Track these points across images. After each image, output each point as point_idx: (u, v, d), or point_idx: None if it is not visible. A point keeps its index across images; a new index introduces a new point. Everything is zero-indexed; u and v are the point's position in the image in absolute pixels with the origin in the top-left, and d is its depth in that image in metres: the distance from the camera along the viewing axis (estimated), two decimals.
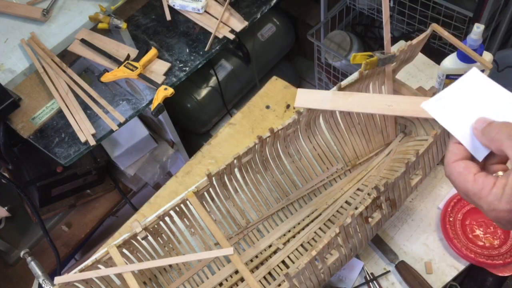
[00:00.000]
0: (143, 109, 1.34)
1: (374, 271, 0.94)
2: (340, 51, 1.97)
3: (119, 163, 1.73)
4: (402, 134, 1.01)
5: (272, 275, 0.93)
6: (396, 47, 1.07)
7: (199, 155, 1.12)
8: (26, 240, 1.74)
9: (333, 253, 0.81)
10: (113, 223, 1.99)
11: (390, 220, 0.99)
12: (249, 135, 1.14)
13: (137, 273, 0.87)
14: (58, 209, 1.74)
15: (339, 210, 0.98)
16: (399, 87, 0.96)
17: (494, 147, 0.53)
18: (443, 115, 0.61)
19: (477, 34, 0.94)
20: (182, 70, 1.38)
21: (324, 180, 1.01)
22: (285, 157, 0.98)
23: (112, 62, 1.34)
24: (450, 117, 0.61)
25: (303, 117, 0.94)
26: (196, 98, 1.89)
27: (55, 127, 1.30)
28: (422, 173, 0.87)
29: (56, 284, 0.78)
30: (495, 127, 0.54)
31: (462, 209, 0.96)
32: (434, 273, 0.93)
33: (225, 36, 1.43)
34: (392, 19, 1.79)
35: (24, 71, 1.35)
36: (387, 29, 0.85)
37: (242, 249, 0.96)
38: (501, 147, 0.52)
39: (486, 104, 0.60)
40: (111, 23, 1.38)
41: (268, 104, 1.18)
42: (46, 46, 1.36)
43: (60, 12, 1.45)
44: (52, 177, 1.60)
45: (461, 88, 0.62)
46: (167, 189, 1.08)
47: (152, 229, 0.86)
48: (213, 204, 0.93)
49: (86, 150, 1.27)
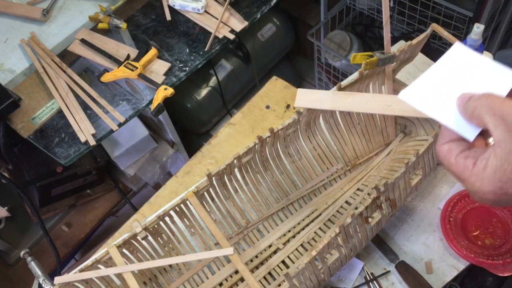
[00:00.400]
0: (143, 109, 1.34)
1: (374, 271, 0.94)
2: (340, 51, 1.96)
3: (119, 163, 1.73)
4: (402, 134, 1.01)
5: (272, 275, 0.93)
6: (396, 47, 1.07)
7: (199, 155, 1.12)
8: (26, 240, 1.74)
9: (333, 253, 0.81)
10: (113, 223, 1.99)
11: (390, 220, 0.99)
12: (249, 135, 1.14)
13: (137, 273, 0.87)
14: (58, 209, 1.74)
15: (339, 210, 0.98)
16: (399, 87, 0.96)
17: (477, 123, 0.49)
18: (424, 101, 0.57)
19: (477, 34, 0.94)
20: (182, 70, 1.38)
21: (324, 180, 1.01)
22: (285, 157, 0.98)
23: (112, 62, 1.34)
24: (432, 102, 0.57)
25: (303, 117, 0.94)
26: (196, 98, 1.89)
27: (55, 127, 1.30)
28: (422, 173, 0.87)
29: (56, 284, 0.78)
30: (474, 101, 0.49)
31: (462, 209, 0.96)
32: (434, 273, 0.93)
33: (225, 36, 1.43)
34: (392, 19, 1.79)
35: (24, 71, 1.35)
36: (387, 29, 0.85)
37: (242, 249, 0.96)
38: (483, 121, 0.47)
39: (471, 80, 0.55)
40: (111, 23, 1.38)
41: (268, 104, 1.18)
42: (46, 46, 1.36)
43: (60, 12, 1.45)
44: (52, 177, 1.60)
45: (443, 68, 0.58)
46: (167, 189, 1.08)
47: (152, 229, 0.86)
48: (213, 204, 0.93)
49: (86, 150, 1.27)
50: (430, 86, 0.57)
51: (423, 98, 0.57)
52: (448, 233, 0.93)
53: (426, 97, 0.57)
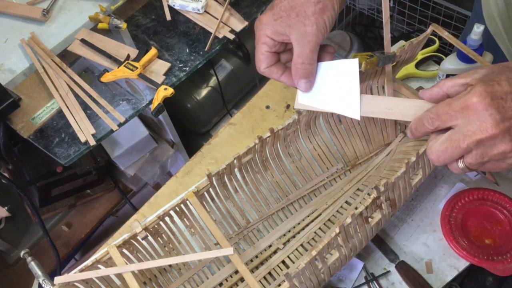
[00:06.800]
0: (143, 109, 1.34)
1: (374, 271, 0.94)
2: (340, 51, 1.97)
3: (119, 163, 1.73)
4: (402, 134, 1.01)
5: (272, 275, 0.93)
6: (396, 47, 1.07)
7: (199, 155, 1.12)
8: (26, 240, 1.74)
9: (333, 253, 0.81)
10: (113, 223, 1.99)
11: (390, 220, 0.99)
12: (249, 135, 1.14)
13: (137, 273, 0.87)
14: (58, 209, 1.74)
15: (339, 210, 0.98)
16: (399, 87, 0.96)
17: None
18: (316, 101, 0.78)
19: (477, 34, 0.94)
20: (182, 70, 1.38)
21: (324, 180, 1.01)
22: (285, 157, 0.98)
23: (112, 62, 1.34)
24: (321, 99, 0.78)
25: (303, 117, 0.94)
26: (196, 98, 1.89)
27: (55, 127, 1.30)
28: (422, 173, 0.87)
29: (56, 284, 0.78)
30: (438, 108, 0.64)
31: (462, 209, 0.96)
32: (434, 273, 0.93)
33: (225, 36, 1.43)
34: (392, 19, 1.79)
35: (24, 71, 1.35)
36: (387, 29, 0.85)
37: (242, 249, 0.96)
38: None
39: (337, 75, 0.76)
40: (111, 23, 1.38)
41: (268, 104, 1.18)
42: (46, 46, 1.37)
43: (60, 12, 1.45)
44: (52, 177, 1.60)
45: (320, 73, 0.78)
46: (167, 189, 1.08)
47: (152, 229, 0.86)
48: (213, 204, 0.93)
49: (86, 150, 1.27)
50: (314, 89, 0.78)
51: (314, 98, 0.78)
52: (448, 233, 0.93)
53: (315, 97, 0.78)
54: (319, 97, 0.77)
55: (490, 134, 0.58)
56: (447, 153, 0.62)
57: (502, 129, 0.57)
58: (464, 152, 0.61)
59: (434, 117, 0.63)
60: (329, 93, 0.77)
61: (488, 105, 0.57)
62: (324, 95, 0.77)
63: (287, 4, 0.72)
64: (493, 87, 0.58)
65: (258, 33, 0.76)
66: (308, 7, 0.71)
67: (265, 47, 0.76)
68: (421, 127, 0.66)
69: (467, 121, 0.59)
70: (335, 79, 0.76)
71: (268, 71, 0.78)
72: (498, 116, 0.57)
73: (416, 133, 0.68)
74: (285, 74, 0.78)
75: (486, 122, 0.57)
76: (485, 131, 0.58)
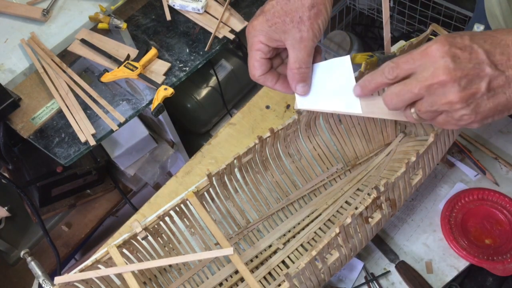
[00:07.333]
0: (143, 109, 1.34)
1: (374, 271, 0.94)
2: (340, 51, 1.97)
3: (119, 163, 1.73)
4: (402, 134, 1.01)
5: (272, 275, 0.93)
6: (396, 47, 1.07)
7: (199, 155, 1.12)
8: (26, 240, 1.75)
9: (333, 253, 0.81)
10: (113, 223, 1.99)
11: (390, 220, 0.99)
12: (249, 135, 1.14)
13: (137, 273, 0.87)
14: (58, 209, 1.74)
15: (339, 210, 0.98)
16: None
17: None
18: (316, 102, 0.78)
19: None
20: (182, 70, 1.38)
21: (324, 180, 1.01)
22: (285, 157, 0.98)
23: (112, 62, 1.34)
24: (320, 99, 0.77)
25: (303, 117, 0.94)
26: (196, 98, 1.89)
27: (55, 127, 1.30)
28: (422, 173, 0.87)
29: (56, 284, 0.78)
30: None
31: (462, 209, 0.96)
32: (434, 273, 0.93)
33: (225, 36, 1.43)
34: (392, 19, 1.79)
35: (24, 71, 1.35)
36: (387, 29, 0.85)
37: (242, 249, 0.96)
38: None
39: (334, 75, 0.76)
40: (111, 23, 1.38)
41: (268, 104, 1.18)
42: (46, 46, 1.37)
43: (60, 12, 1.45)
44: (52, 177, 1.60)
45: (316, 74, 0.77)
46: (167, 189, 1.08)
47: (152, 229, 0.86)
48: (213, 204, 0.93)
49: (86, 150, 1.27)
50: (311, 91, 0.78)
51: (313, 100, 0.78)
52: (448, 233, 0.94)
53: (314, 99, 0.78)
54: (317, 98, 0.77)
55: (440, 80, 0.58)
56: (400, 96, 0.62)
57: (453, 77, 0.57)
58: (415, 97, 0.61)
59: (394, 66, 0.62)
60: (327, 93, 0.76)
61: (445, 52, 0.58)
62: (322, 96, 0.77)
63: (280, 9, 0.71)
64: (454, 38, 0.59)
65: (251, 39, 0.74)
66: (303, 12, 0.70)
67: (260, 54, 0.75)
68: (379, 76, 0.64)
69: (423, 68, 0.59)
70: (330, 79, 0.76)
71: (263, 78, 0.77)
72: (451, 65, 0.57)
73: (370, 85, 0.66)
74: (280, 82, 0.77)
75: (439, 69, 0.58)
76: (436, 77, 0.58)
